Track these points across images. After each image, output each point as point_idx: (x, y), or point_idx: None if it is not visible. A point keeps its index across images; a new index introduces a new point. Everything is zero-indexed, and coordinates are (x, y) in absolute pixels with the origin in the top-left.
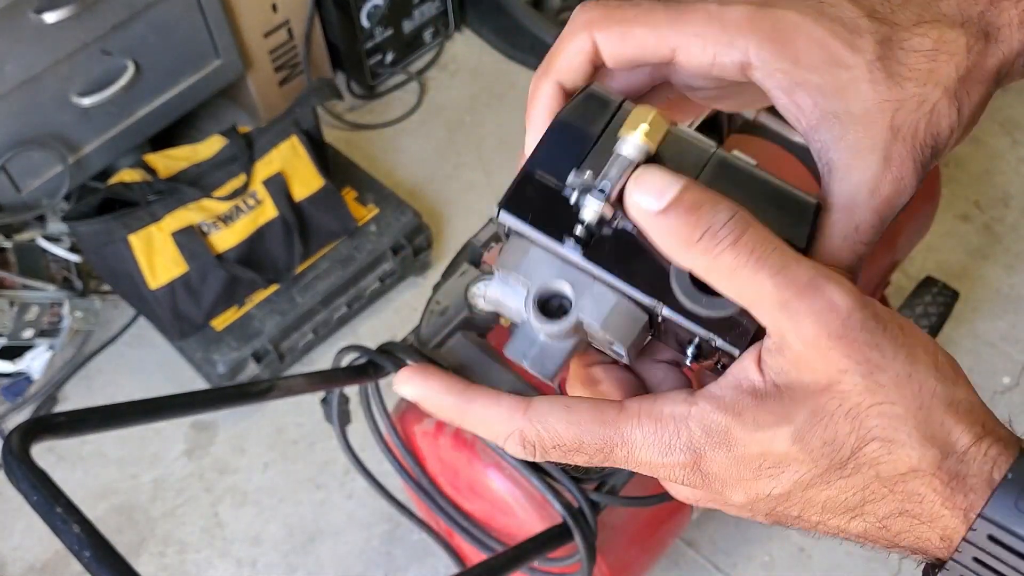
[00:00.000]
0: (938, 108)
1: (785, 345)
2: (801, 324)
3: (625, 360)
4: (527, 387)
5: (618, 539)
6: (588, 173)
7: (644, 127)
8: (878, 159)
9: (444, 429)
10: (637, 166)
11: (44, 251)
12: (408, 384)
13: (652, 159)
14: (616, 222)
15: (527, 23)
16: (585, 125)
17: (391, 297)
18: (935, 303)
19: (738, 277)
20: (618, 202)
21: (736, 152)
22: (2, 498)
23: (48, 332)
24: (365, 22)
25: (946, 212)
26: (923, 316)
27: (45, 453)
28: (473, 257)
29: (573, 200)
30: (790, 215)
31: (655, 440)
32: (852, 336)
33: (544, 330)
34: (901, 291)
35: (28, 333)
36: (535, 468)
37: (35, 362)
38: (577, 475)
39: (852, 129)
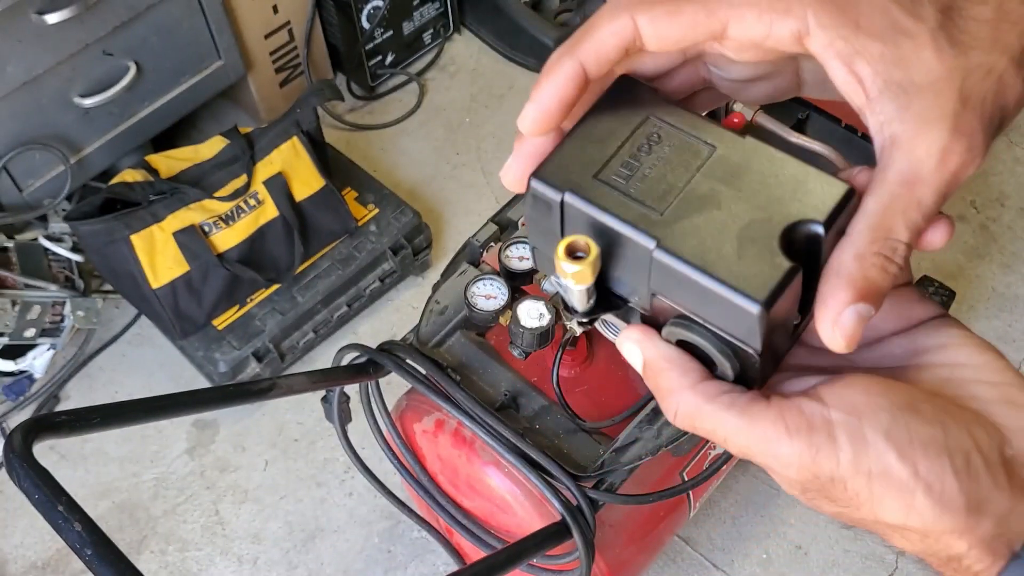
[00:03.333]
0: (1005, 78)
1: None
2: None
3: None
4: (527, 385)
5: (617, 536)
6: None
7: (574, 275)
8: (947, 128)
9: (444, 427)
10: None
11: (46, 251)
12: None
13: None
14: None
15: (526, 24)
16: (609, 133)
17: (391, 296)
18: None
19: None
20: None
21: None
22: (4, 496)
23: (50, 331)
24: (365, 23)
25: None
26: None
27: (47, 452)
28: (472, 257)
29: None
30: (809, 187)
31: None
32: (810, 495)
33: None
34: None
35: (30, 332)
36: (534, 466)
37: (37, 361)
38: (575, 472)
39: (919, 98)
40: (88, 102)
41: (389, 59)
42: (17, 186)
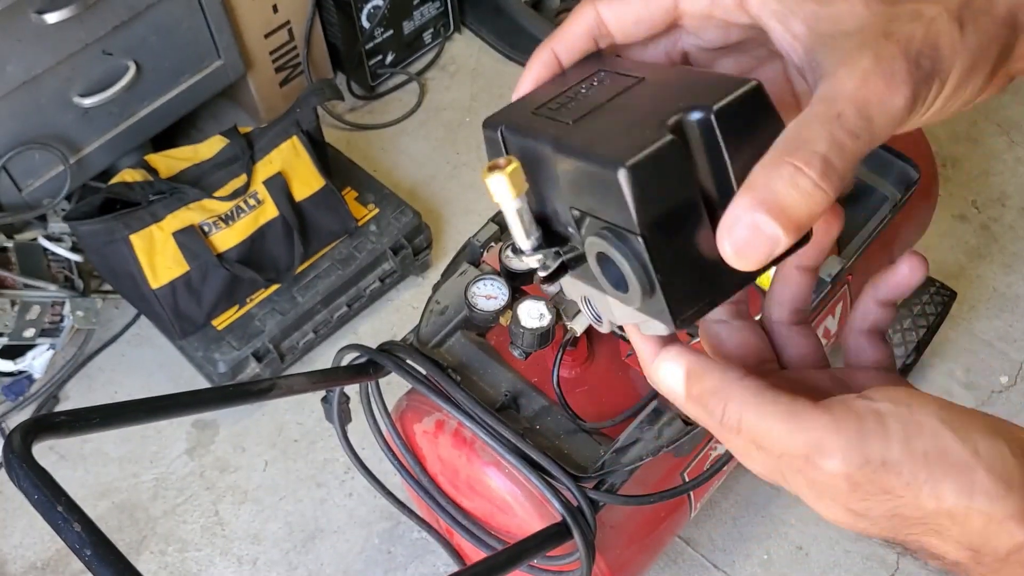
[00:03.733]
0: (938, 23)
1: None
2: (798, 487)
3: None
4: (527, 386)
5: (617, 537)
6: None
7: (496, 189)
8: (868, 56)
9: (444, 428)
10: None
11: (45, 251)
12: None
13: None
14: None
15: (526, 24)
16: (560, 84)
17: (391, 297)
18: (932, 303)
19: (750, 457)
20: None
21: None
22: (3, 497)
23: (49, 331)
24: (365, 23)
25: (943, 212)
26: (920, 316)
27: (46, 452)
28: (473, 257)
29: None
30: (715, 87)
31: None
32: (860, 493)
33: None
34: None
35: (29, 332)
36: (534, 466)
37: (36, 361)
38: (576, 473)
39: (845, 41)
40: (88, 102)
41: (389, 59)
42: (17, 186)
